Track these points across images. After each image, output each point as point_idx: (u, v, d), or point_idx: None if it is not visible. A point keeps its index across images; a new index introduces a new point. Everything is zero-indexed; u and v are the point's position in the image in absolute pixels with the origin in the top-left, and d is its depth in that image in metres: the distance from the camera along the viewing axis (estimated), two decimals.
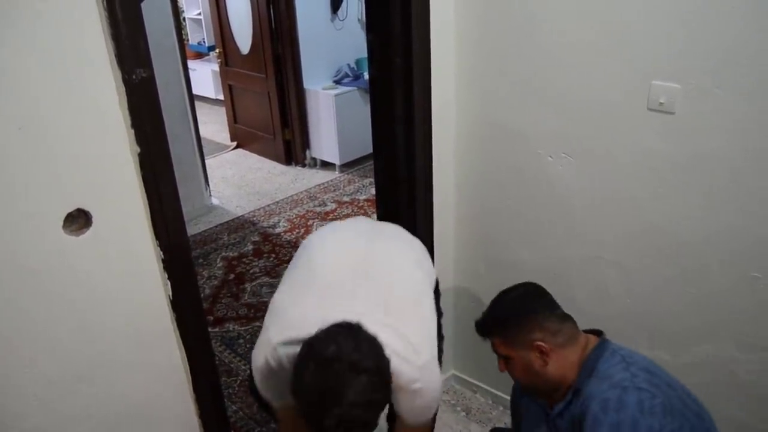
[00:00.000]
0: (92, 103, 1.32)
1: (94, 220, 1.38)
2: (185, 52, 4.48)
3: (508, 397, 2.60)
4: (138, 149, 1.40)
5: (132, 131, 1.39)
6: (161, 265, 1.52)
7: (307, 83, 5.25)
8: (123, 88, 1.35)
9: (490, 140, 2.20)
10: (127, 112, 1.37)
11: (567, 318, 1.65)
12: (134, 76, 1.36)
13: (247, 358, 3.04)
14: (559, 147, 2.03)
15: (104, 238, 1.41)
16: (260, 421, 2.63)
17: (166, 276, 1.54)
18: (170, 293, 1.56)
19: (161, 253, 1.50)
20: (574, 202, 2.07)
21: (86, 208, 1.37)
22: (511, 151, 2.16)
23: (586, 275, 2.14)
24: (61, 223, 1.34)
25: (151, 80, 1.40)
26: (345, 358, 1.29)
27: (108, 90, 1.34)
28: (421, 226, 2.29)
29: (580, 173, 2.02)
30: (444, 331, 2.58)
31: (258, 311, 3.42)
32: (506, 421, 2.60)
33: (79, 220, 1.38)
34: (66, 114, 1.29)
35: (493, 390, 2.68)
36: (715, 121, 1.70)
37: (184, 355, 1.66)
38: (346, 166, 5.45)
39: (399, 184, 2.24)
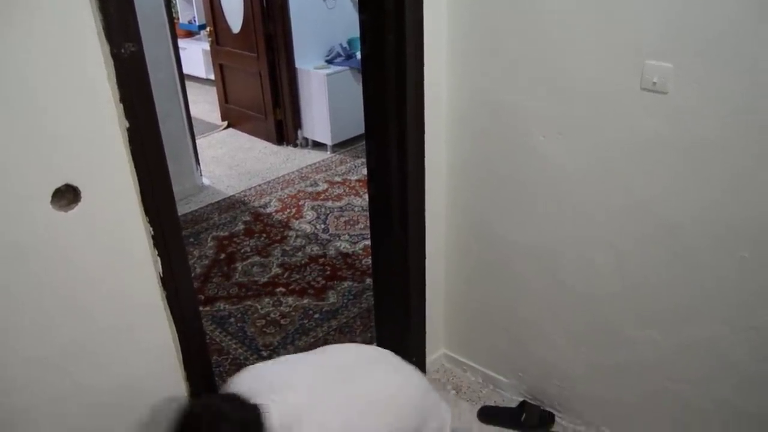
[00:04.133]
0: (80, 77, 1.31)
1: (82, 195, 1.37)
2: (175, 31, 4.43)
3: (499, 377, 2.63)
4: (127, 124, 1.38)
5: (121, 106, 1.37)
6: (151, 241, 1.51)
7: (299, 63, 5.21)
8: (111, 62, 1.33)
9: (483, 119, 2.19)
10: (115, 87, 1.35)
11: None
12: (123, 50, 1.34)
13: (237, 336, 3.04)
14: (552, 126, 2.03)
15: (93, 214, 1.40)
16: None
17: (156, 252, 1.53)
18: (160, 270, 1.55)
19: (151, 229, 1.49)
20: (566, 181, 2.07)
21: (74, 183, 1.36)
22: (504, 130, 2.15)
23: (577, 254, 2.15)
24: (50, 198, 1.33)
25: (140, 54, 1.38)
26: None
27: (96, 64, 1.32)
28: (412, 206, 2.29)
29: (573, 152, 2.01)
30: (433, 313, 2.61)
31: (249, 290, 3.42)
32: (495, 399, 2.62)
33: (67, 195, 1.36)
34: (53, 88, 1.27)
35: (483, 369, 2.69)
36: (707, 101, 1.70)
37: (175, 332, 1.66)
38: (338, 147, 5.44)
39: (390, 164, 2.23)
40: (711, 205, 1.80)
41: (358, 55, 5.13)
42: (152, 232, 1.50)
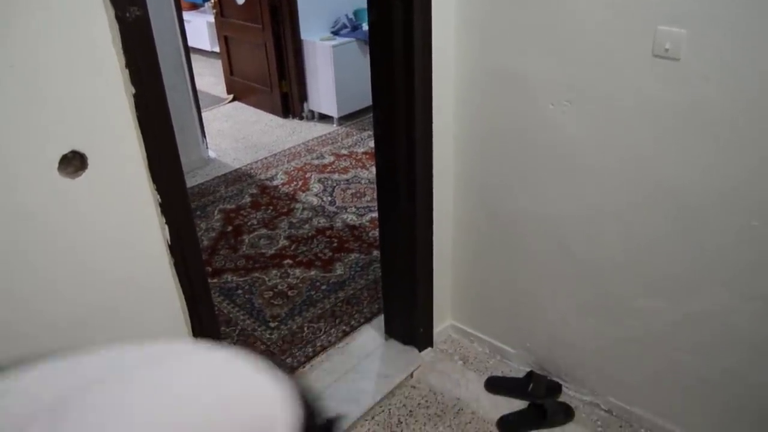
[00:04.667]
0: (85, 42, 1.29)
1: (90, 162, 1.36)
2: (180, 3, 4.38)
3: (506, 347, 2.64)
4: (133, 90, 1.37)
5: (126, 71, 1.35)
6: (159, 208, 1.50)
7: (305, 34, 5.16)
8: (117, 26, 1.31)
9: (491, 87, 2.17)
10: (121, 52, 1.34)
11: None
12: (128, 14, 1.32)
13: (245, 308, 3.05)
14: (561, 94, 2.00)
15: (100, 181, 1.39)
16: None
17: (164, 220, 1.52)
18: (168, 237, 1.55)
19: (158, 196, 1.48)
20: (575, 151, 2.05)
21: (81, 150, 1.35)
22: (512, 99, 2.13)
23: (585, 223, 2.14)
24: (56, 165, 1.32)
25: (145, 19, 1.36)
26: None
27: (101, 28, 1.30)
28: (420, 174, 2.27)
29: (582, 121, 1.99)
30: (440, 284, 2.60)
31: (256, 262, 3.42)
32: (503, 370, 2.63)
33: (74, 162, 1.35)
34: (59, 52, 1.26)
35: (490, 339, 2.70)
36: (720, 68, 1.67)
37: (183, 300, 1.66)
38: (344, 119, 5.41)
39: (398, 131, 2.22)
40: (721, 174, 1.78)
41: (365, 26, 5.08)
42: (160, 200, 1.49)
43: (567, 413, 2.39)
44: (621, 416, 2.36)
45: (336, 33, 5.18)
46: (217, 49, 6.62)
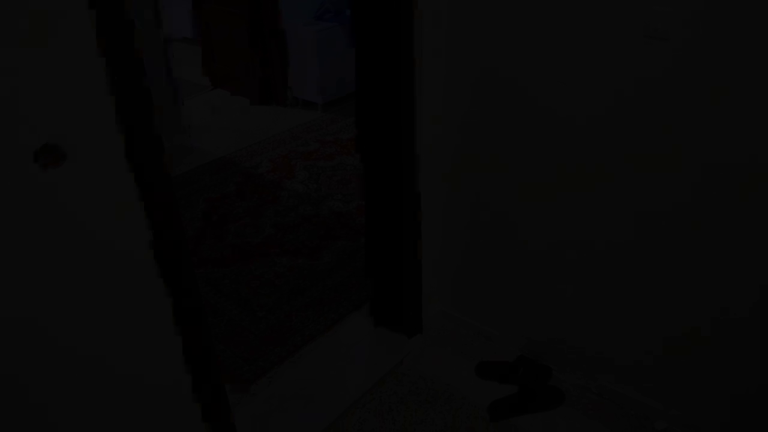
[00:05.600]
0: (59, 26, 1.24)
1: (67, 152, 1.32)
2: None
3: (495, 332, 2.63)
4: (110, 76, 1.33)
5: (103, 59, 1.31)
6: (142, 199, 1.46)
7: (287, 20, 5.10)
8: (92, 11, 1.27)
9: (482, 67, 2.14)
10: (94, 36, 1.29)
11: None
12: None
13: (232, 298, 3.02)
14: (551, 75, 1.98)
15: (80, 172, 1.35)
16: (248, 359, 2.63)
17: (148, 210, 1.48)
18: (153, 228, 1.51)
19: (141, 186, 1.45)
20: (567, 131, 2.03)
21: (59, 140, 1.30)
22: (503, 81, 2.10)
23: (577, 206, 2.12)
24: (33, 156, 1.28)
25: (122, 2, 1.31)
26: None
27: (77, 12, 1.26)
28: (404, 162, 2.24)
29: (573, 102, 1.97)
30: (429, 269, 2.58)
31: (242, 252, 3.39)
32: (493, 355, 2.62)
33: (52, 152, 1.31)
34: (32, 39, 1.21)
35: (480, 324, 2.69)
36: (709, 46, 1.65)
37: (169, 291, 1.62)
38: (329, 106, 5.36)
39: (382, 120, 2.19)
40: (713, 153, 1.77)
41: (349, 11, 5.02)
42: (141, 188, 1.45)
43: (557, 397, 2.39)
44: (611, 399, 2.37)
45: (319, 18, 5.12)
46: (198, 36, 6.52)
